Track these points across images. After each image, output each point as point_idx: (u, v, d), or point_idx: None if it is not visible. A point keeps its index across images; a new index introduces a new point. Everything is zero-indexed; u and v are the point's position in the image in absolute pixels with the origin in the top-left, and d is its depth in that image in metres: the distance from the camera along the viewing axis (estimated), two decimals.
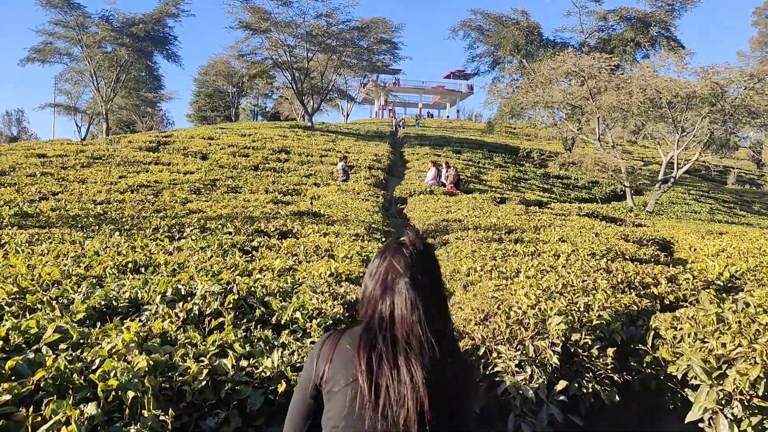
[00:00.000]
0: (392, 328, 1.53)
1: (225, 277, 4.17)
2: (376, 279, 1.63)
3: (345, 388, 1.48)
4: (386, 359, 1.48)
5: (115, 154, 21.47)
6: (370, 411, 1.43)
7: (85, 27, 37.93)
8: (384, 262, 1.64)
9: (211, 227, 8.40)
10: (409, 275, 1.57)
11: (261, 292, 3.85)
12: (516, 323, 3.74)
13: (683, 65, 25.27)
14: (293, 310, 3.49)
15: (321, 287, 4.28)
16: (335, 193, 16.22)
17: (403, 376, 1.45)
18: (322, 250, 6.77)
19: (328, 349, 1.58)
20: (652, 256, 8.47)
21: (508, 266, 6.23)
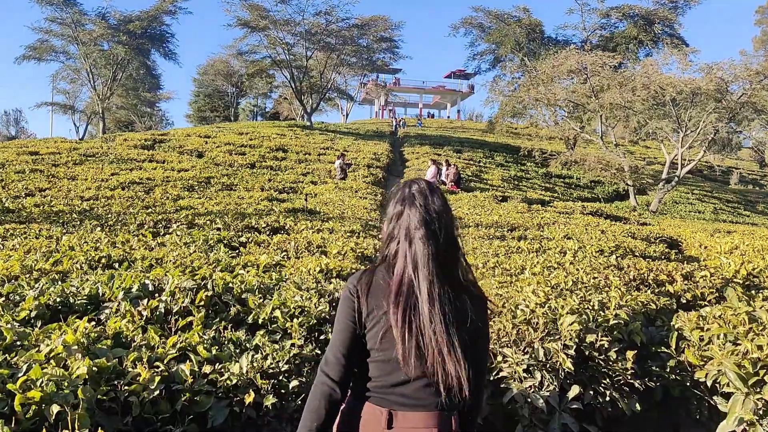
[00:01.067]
0: (408, 273, 1.66)
1: (201, 272, 3.78)
2: (396, 227, 1.75)
3: (383, 317, 1.64)
4: (407, 299, 1.62)
5: (109, 152, 21.08)
6: (400, 336, 1.58)
7: (81, 24, 37.39)
8: (403, 211, 1.74)
9: (200, 223, 8.00)
10: (424, 229, 1.68)
11: (238, 289, 3.45)
12: (523, 323, 3.34)
13: (687, 63, 24.87)
14: (272, 309, 3.10)
15: (307, 284, 3.88)
16: (332, 191, 15.83)
17: (423, 314, 1.60)
18: (314, 247, 6.38)
19: (365, 284, 1.71)
20: (662, 253, 8.08)
21: (512, 263, 5.84)
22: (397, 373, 1.63)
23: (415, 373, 1.60)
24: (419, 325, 1.59)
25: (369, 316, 1.67)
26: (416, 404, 1.63)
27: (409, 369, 1.60)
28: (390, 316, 1.61)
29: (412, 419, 1.62)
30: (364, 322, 1.68)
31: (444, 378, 1.59)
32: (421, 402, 1.63)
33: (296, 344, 2.81)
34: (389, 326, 1.61)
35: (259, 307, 3.14)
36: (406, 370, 1.60)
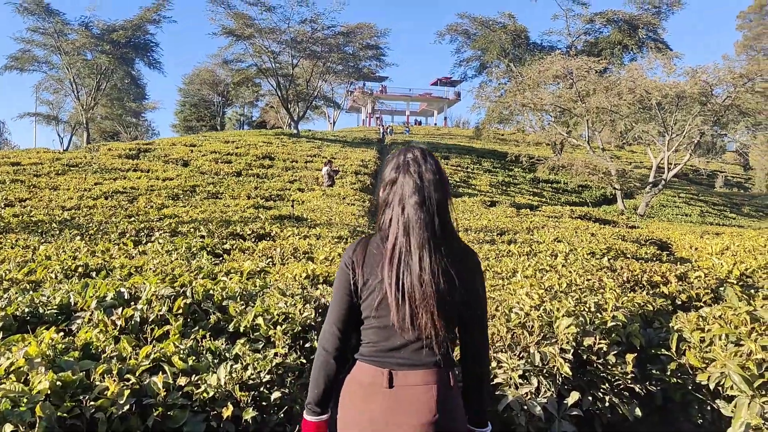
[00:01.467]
0: (406, 236, 1.71)
1: (181, 279, 3.61)
2: (390, 194, 1.80)
3: (378, 285, 1.72)
4: (400, 264, 1.69)
5: (93, 162, 20.78)
6: (395, 302, 1.66)
7: (64, 34, 36.98)
8: (397, 179, 1.79)
9: (183, 231, 7.81)
10: (417, 196, 1.74)
11: (219, 296, 3.28)
12: (518, 326, 3.20)
13: (671, 67, 25.04)
14: (255, 316, 2.93)
15: (292, 290, 3.72)
16: (320, 198, 15.66)
17: (414, 277, 1.67)
18: (300, 253, 6.22)
19: (360, 253, 1.80)
20: (654, 255, 7.99)
21: (503, 266, 5.71)
22: (395, 338, 1.72)
23: (411, 336, 1.70)
24: (411, 290, 1.67)
25: (365, 286, 1.76)
26: (414, 364, 1.72)
27: (405, 333, 1.69)
28: (384, 282, 1.70)
29: (412, 377, 1.70)
30: (360, 292, 1.77)
31: (436, 339, 1.69)
32: (420, 361, 1.72)
33: (280, 353, 2.65)
34: (385, 294, 1.70)
35: (240, 315, 2.98)
36: (403, 335, 1.70)
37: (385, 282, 1.70)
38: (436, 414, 1.67)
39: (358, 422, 1.71)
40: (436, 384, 1.70)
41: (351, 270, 1.79)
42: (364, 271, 1.76)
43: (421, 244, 1.70)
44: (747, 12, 64.89)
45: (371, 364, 1.74)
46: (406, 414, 1.66)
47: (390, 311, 1.69)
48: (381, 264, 1.73)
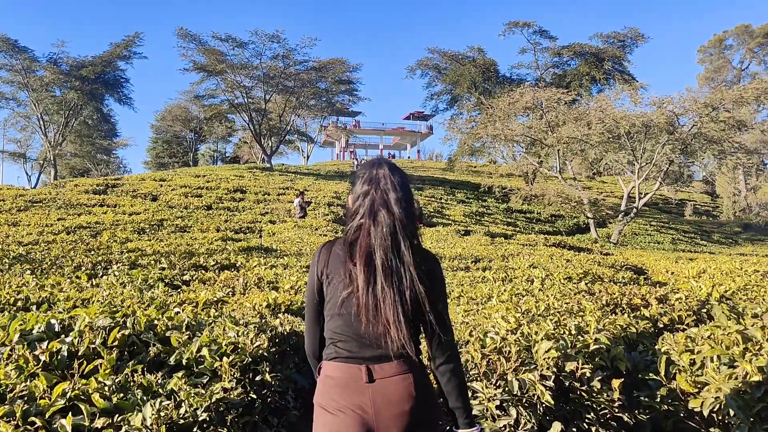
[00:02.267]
0: (371, 244, 1.82)
1: (123, 310, 3.27)
2: (362, 204, 1.90)
3: (341, 282, 1.83)
4: (368, 266, 1.79)
5: (58, 198, 20.17)
6: (362, 298, 1.77)
7: (32, 71, 36.45)
8: (369, 191, 1.90)
9: (143, 263, 7.41)
10: (385, 208, 1.86)
11: (163, 326, 2.95)
12: (494, 352, 2.92)
13: (638, 97, 25.50)
14: (199, 347, 2.61)
15: (249, 319, 3.40)
16: (291, 230, 15.32)
17: (378, 279, 1.78)
18: (264, 282, 5.89)
19: (325, 255, 1.93)
20: (631, 279, 7.81)
21: (478, 292, 5.45)
22: (364, 333, 1.81)
23: (379, 331, 1.78)
24: (376, 287, 1.77)
25: (329, 285, 1.87)
26: (387, 355, 1.80)
27: (372, 328, 1.78)
28: (352, 280, 1.80)
29: (388, 369, 1.79)
30: (325, 291, 1.89)
31: (401, 333, 1.76)
32: (391, 354, 1.79)
33: (226, 387, 2.33)
34: (350, 291, 1.80)
35: (183, 346, 2.65)
36: (370, 330, 1.79)
37: (352, 278, 1.81)
38: (416, 398, 1.78)
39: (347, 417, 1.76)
40: (411, 372, 1.80)
41: (317, 270, 1.92)
42: (329, 270, 1.88)
43: (388, 246, 1.81)
44: (707, 47, 67.05)
45: (347, 363, 1.82)
46: (391, 404, 1.76)
47: (353, 307, 1.80)
48: (346, 262, 1.84)
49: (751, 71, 60.57)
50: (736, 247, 32.01)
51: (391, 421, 1.75)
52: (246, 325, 3.08)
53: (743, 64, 63.50)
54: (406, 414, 1.76)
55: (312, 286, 1.95)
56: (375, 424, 1.75)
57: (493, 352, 2.94)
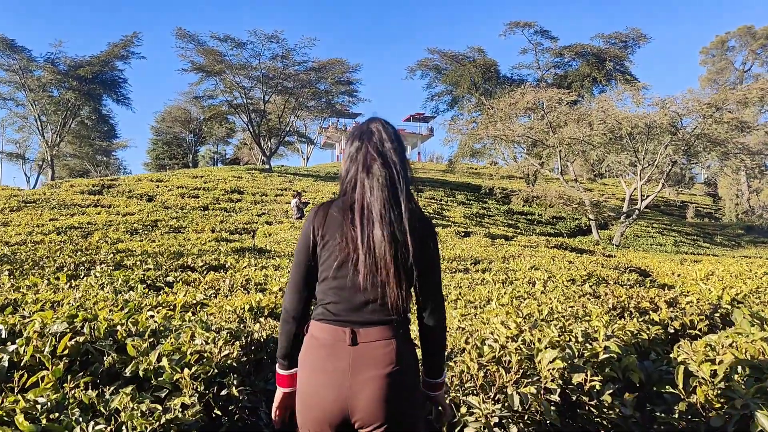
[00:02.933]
0: (366, 198, 1.83)
1: (83, 314, 2.97)
2: (354, 160, 1.91)
3: (337, 246, 1.83)
4: (365, 222, 1.80)
5: (52, 198, 19.88)
6: (358, 259, 1.78)
7: (29, 70, 36.16)
8: (362, 146, 1.91)
9: (128, 264, 7.12)
10: (380, 159, 1.86)
11: (124, 333, 2.65)
12: (492, 362, 2.62)
13: (640, 98, 25.20)
14: (159, 356, 2.31)
15: (224, 324, 3.11)
16: (287, 231, 15.03)
17: (376, 234, 1.78)
18: (252, 284, 5.59)
19: (322, 216, 1.89)
20: (636, 281, 7.51)
21: (477, 294, 5.15)
22: (355, 298, 1.81)
23: (371, 296, 1.79)
24: (373, 246, 1.77)
25: (324, 247, 1.84)
26: (373, 321, 1.80)
27: (365, 292, 1.79)
28: (348, 240, 1.79)
29: (373, 333, 1.79)
30: (319, 253, 1.86)
31: (394, 296, 1.78)
32: (379, 319, 1.80)
33: (186, 403, 2.04)
34: (346, 254, 1.80)
35: (142, 355, 2.36)
36: (363, 294, 1.80)
37: (349, 240, 1.79)
38: (396, 365, 1.77)
39: (326, 378, 1.78)
40: (394, 339, 1.80)
41: (311, 229, 1.88)
42: (325, 232, 1.85)
43: (383, 204, 1.80)
44: (709, 48, 66.74)
45: (333, 324, 1.82)
46: (369, 367, 1.76)
47: (348, 272, 1.80)
48: (342, 225, 1.82)
49: (753, 73, 60.25)
50: (739, 250, 31.70)
51: (366, 384, 1.75)
52: (219, 331, 2.78)
53: (746, 65, 63.21)
54: (381, 378, 1.75)
55: (306, 245, 1.90)
56: (350, 386, 1.76)
57: (491, 362, 2.64)
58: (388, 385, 1.75)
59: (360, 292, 1.80)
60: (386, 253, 1.77)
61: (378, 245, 1.77)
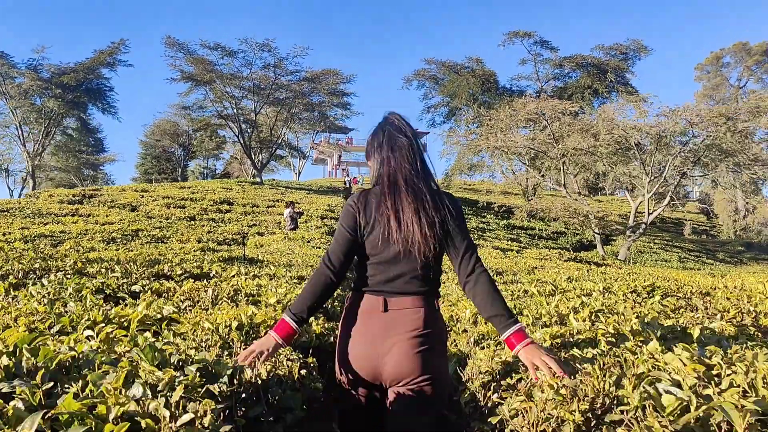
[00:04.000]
0: (397, 180, 2.02)
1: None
2: (381, 145, 2.12)
3: (378, 225, 1.98)
4: (400, 202, 1.97)
5: (26, 207, 18.52)
6: (395, 236, 1.94)
7: (10, 77, 34.70)
8: (385, 132, 2.13)
9: (91, 272, 5.85)
10: (404, 137, 2.10)
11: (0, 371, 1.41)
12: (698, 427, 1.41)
13: (643, 111, 24.22)
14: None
15: (195, 351, 1.87)
16: (280, 241, 13.78)
17: (408, 208, 1.96)
18: (242, 295, 4.34)
19: (363, 198, 2.05)
20: (699, 293, 6.33)
21: (537, 310, 3.94)
22: (390, 271, 1.99)
23: (404, 269, 1.98)
24: (407, 220, 1.95)
25: (368, 226, 2.02)
26: (405, 292, 1.98)
27: (401, 265, 1.98)
28: (384, 217, 1.97)
29: (403, 302, 1.98)
30: (363, 231, 2.03)
31: (421, 256, 1.96)
32: (410, 290, 1.98)
33: None
34: (385, 232, 1.96)
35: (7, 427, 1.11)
36: (397, 267, 1.99)
37: (384, 216, 1.97)
38: (422, 329, 1.93)
39: (360, 339, 1.99)
40: (423, 308, 1.97)
41: (356, 211, 2.04)
42: (367, 213, 2.02)
43: (409, 169, 2.02)
44: (704, 64, 66.58)
45: (370, 294, 2.02)
46: (398, 328, 1.94)
47: (388, 248, 1.97)
48: (380, 205, 2.00)
49: (749, 89, 59.96)
50: (742, 266, 30.86)
51: (394, 345, 1.92)
52: (181, 367, 1.54)
53: (741, 81, 62.99)
54: (407, 339, 1.91)
55: (351, 222, 2.03)
56: (381, 348, 1.94)
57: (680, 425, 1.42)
58: (412, 345, 1.91)
59: (395, 265, 1.98)
60: (413, 221, 1.93)
61: (405, 214, 1.94)
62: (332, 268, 2.00)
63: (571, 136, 24.89)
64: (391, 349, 1.90)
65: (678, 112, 21.78)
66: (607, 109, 26.29)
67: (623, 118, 24.33)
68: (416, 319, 1.92)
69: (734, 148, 22.15)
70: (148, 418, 1.15)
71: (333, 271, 2.00)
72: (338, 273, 2.00)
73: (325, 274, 2.00)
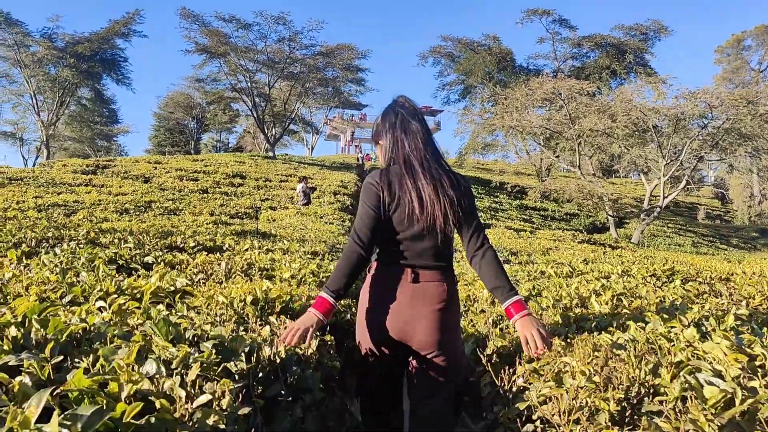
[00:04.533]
0: (413, 162, 2.14)
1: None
2: (393, 126, 2.22)
3: (402, 203, 2.09)
4: (420, 181, 2.09)
5: (40, 177, 18.58)
6: (418, 214, 2.06)
7: (25, 45, 34.59)
8: (397, 114, 2.23)
9: (104, 242, 5.82)
10: (416, 120, 2.21)
11: (8, 342, 1.34)
12: (745, 421, 1.32)
13: (662, 92, 23.70)
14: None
15: (211, 326, 1.80)
16: (293, 216, 13.73)
17: (427, 188, 2.08)
18: (255, 269, 4.29)
19: (384, 180, 2.13)
20: (719, 279, 6.20)
21: (556, 292, 3.85)
22: (417, 246, 2.12)
23: (428, 244, 2.12)
24: (427, 197, 2.08)
25: (392, 204, 2.11)
26: (429, 266, 2.13)
27: (425, 240, 2.12)
28: (407, 195, 2.09)
29: (430, 275, 2.12)
30: (387, 209, 2.12)
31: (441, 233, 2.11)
32: (433, 264, 2.13)
33: None
34: (410, 211, 2.08)
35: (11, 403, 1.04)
36: (423, 242, 2.12)
37: (407, 195, 2.08)
38: (446, 303, 2.11)
39: (389, 307, 2.12)
40: (446, 281, 2.14)
41: (380, 190, 2.11)
42: (391, 192, 2.11)
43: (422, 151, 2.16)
44: (725, 47, 65.16)
45: (398, 266, 2.13)
46: (425, 302, 2.09)
47: (412, 225, 2.10)
48: (401, 184, 2.10)
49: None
50: (756, 253, 30.50)
51: (423, 316, 2.07)
52: (196, 342, 1.47)
53: (762, 65, 61.54)
54: (435, 312, 2.08)
55: (375, 201, 2.11)
56: (409, 316, 2.08)
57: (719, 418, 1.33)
58: (439, 318, 2.08)
59: (420, 241, 2.11)
60: (433, 200, 2.06)
61: (426, 194, 2.06)
62: (362, 245, 2.08)
63: (587, 116, 24.50)
64: (420, 320, 2.05)
65: (698, 95, 21.33)
66: (624, 90, 25.79)
67: (641, 100, 23.91)
68: (441, 291, 2.09)
69: (754, 132, 21.72)
70: (163, 397, 1.08)
71: (363, 248, 2.09)
72: (367, 249, 2.10)
73: (357, 252, 2.09)
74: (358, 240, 2.09)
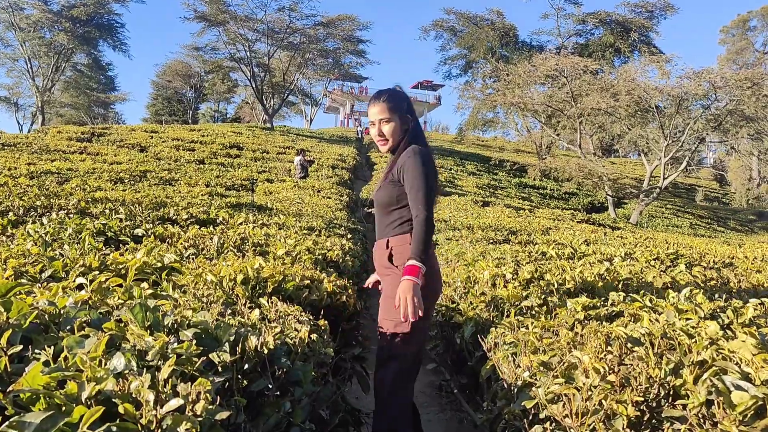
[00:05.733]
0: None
1: None
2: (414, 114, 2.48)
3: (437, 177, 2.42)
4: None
5: (34, 143, 18.32)
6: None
7: (19, 7, 33.96)
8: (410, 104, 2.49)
9: (94, 212, 5.67)
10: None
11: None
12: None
13: (666, 72, 23.38)
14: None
15: (194, 312, 1.67)
16: (290, 189, 13.56)
17: None
18: (249, 244, 4.15)
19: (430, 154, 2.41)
20: (723, 264, 6.09)
21: (552, 275, 3.72)
22: None
23: None
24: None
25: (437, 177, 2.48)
26: None
27: None
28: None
29: None
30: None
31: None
32: None
33: None
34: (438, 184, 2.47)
35: None
36: None
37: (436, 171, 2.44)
38: None
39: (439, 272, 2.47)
40: None
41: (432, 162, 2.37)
42: None
43: None
44: (729, 27, 64.35)
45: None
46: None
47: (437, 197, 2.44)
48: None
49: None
50: (753, 235, 30.45)
51: None
52: (174, 330, 1.34)
53: (766, 46, 60.86)
54: None
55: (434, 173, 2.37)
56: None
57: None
58: None
59: None
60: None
61: None
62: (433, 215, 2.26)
63: (590, 95, 24.21)
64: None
65: (702, 75, 21.04)
66: (628, 68, 25.45)
67: (645, 79, 23.60)
68: None
69: (757, 114, 21.51)
70: (128, 402, 0.95)
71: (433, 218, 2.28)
72: None
73: (434, 224, 2.27)
74: (431, 212, 2.23)
